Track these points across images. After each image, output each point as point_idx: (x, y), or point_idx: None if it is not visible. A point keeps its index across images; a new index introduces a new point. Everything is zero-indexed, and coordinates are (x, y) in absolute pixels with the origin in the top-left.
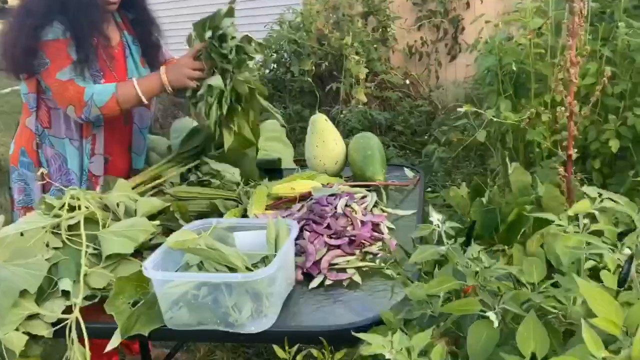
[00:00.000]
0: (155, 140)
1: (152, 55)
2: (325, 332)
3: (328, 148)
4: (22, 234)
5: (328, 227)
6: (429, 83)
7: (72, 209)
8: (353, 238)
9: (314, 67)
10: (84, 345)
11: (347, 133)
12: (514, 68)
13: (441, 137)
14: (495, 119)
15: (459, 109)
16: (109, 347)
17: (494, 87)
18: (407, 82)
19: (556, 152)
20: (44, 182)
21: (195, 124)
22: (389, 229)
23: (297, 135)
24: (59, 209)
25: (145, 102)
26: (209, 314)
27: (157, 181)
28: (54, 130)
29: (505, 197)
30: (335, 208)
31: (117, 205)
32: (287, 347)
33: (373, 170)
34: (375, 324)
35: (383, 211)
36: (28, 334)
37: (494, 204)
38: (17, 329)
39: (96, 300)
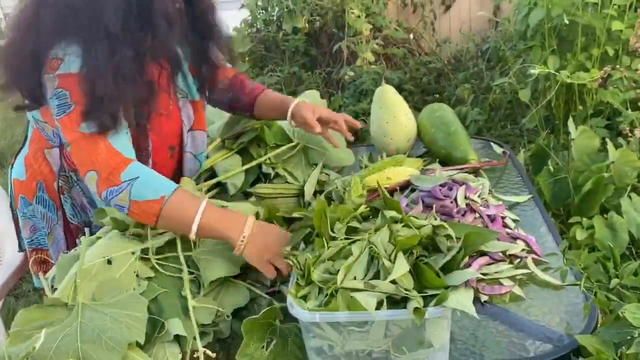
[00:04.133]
0: None
1: (204, 52)
2: None
3: (400, 124)
4: (109, 262)
5: None
6: (433, 37)
7: None
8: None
9: (307, 25)
10: None
11: (359, 96)
12: (566, 20)
13: (464, 95)
14: (565, 78)
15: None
16: None
17: (535, 41)
18: (412, 36)
19: (624, 112)
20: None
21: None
22: (514, 221)
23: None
24: (135, 227)
25: (192, 236)
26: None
27: (219, 178)
28: None
29: (568, 163)
30: (456, 201)
31: None
32: None
33: (463, 149)
34: (574, 353)
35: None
36: None
37: (562, 172)
38: None
39: (210, 340)
